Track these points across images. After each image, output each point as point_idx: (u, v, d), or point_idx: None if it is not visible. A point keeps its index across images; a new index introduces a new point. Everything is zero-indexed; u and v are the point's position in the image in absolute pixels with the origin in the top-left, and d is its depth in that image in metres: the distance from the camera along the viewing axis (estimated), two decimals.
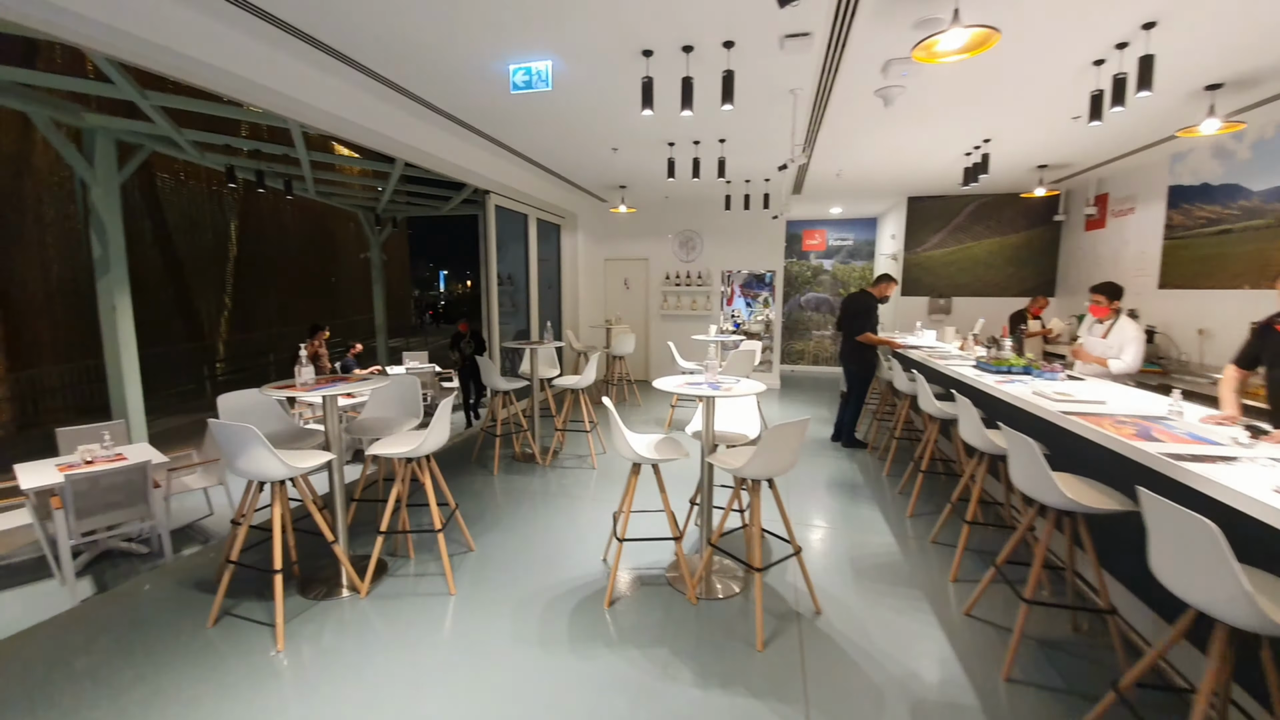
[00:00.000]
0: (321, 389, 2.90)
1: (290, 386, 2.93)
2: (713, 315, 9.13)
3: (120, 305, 5.03)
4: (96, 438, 4.71)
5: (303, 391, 2.85)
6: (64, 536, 3.54)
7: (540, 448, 5.36)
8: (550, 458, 5.27)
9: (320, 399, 2.83)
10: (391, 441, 3.09)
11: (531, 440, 5.30)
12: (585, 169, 6.72)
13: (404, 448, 2.98)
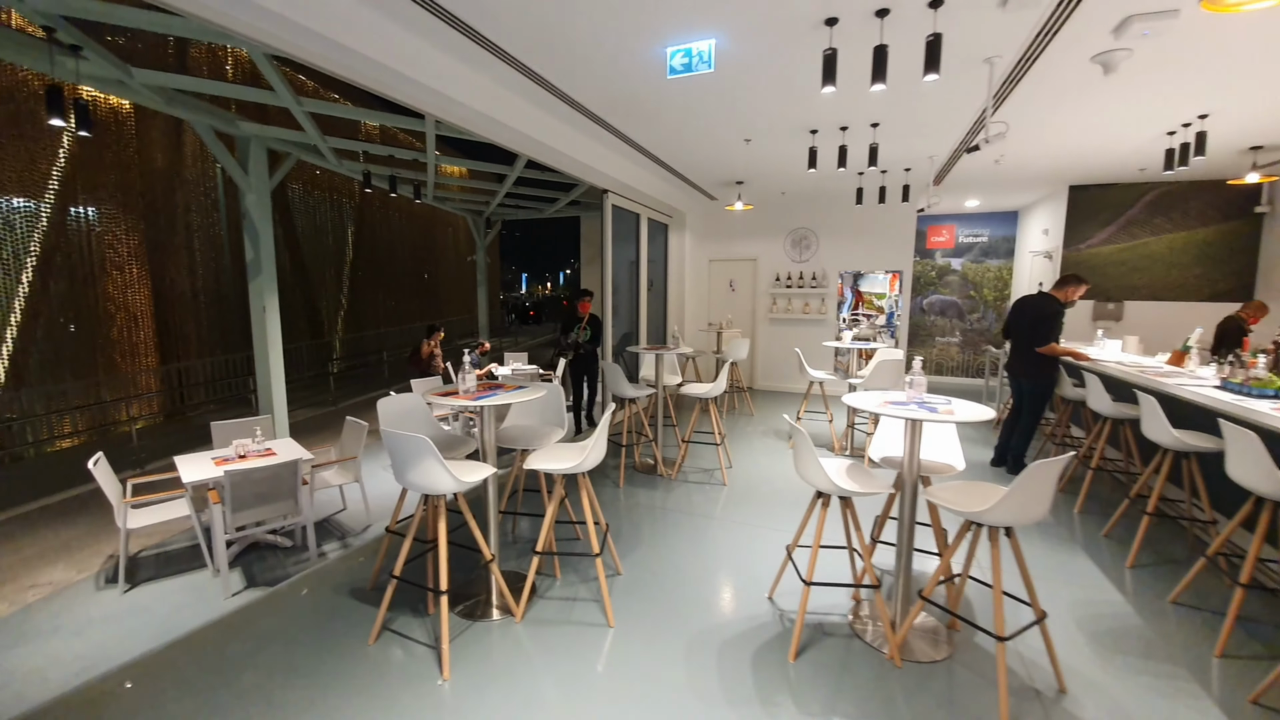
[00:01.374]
0: (484, 397, 2.71)
1: (452, 393, 2.77)
2: (828, 319, 8.49)
3: (270, 306, 5.25)
4: (248, 432, 4.92)
5: (466, 399, 2.68)
6: (220, 530, 3.60)
7: (663, 459, 5.05)
8: (676, 470, 4.95)
9: (474, 405, 2.63)
10: (548, 455, 2.86)
11: (656, 451, 5.00)
12: (706, 164, 6.38)
13: (564, 463, 2.73)
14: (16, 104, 8.39)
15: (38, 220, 8.73)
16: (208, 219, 11.15)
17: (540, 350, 15.04)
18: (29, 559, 4.33)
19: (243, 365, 11.15)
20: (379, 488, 4.98)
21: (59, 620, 3.41)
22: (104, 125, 9.64)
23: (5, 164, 8.29)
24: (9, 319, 8.41)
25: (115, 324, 9.84)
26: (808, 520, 2.75)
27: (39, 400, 8.77)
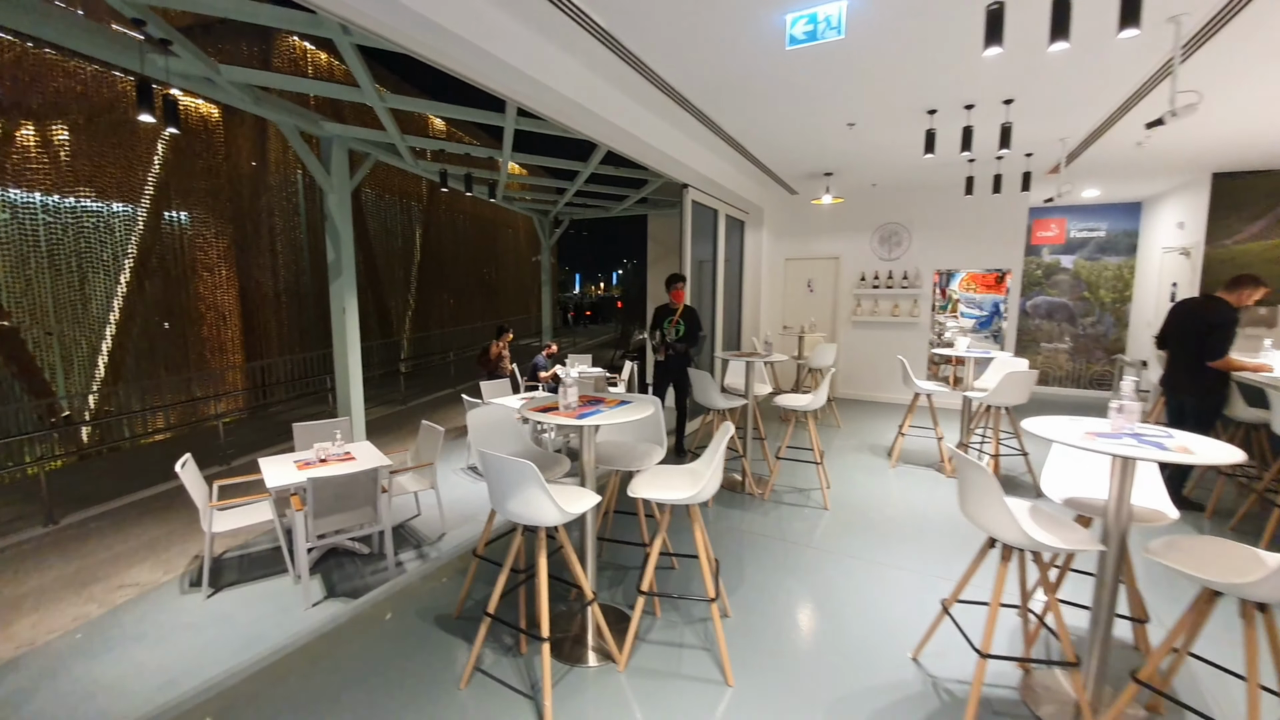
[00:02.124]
0: (588, 414, 2.38)
1: (550, 408, 2.46)
2: (920, 322, 7.79)
3: (349, 307, 5.18)
4: (328, 434, 4.86)
5: (567, 416, 2.36)
6: (302, 537, 3.53)
7: (753, 476, 4.62)
8: (768, 490, 4.51)
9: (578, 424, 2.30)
10: (656, 481, 2.50)
11: (745, 467, 4.57)
12: (795, 154, 5.89)
13: (676, 492, 2.37)
14: (115, 114, 8.89)
15: (135, 224, 9.22)
16: (289, 222, 11.57)
17: (598, 350, 14.89)
18: (119, 556, 4.39)
19: (317, 363, 11.51)
20: (450, 492, 4.81)
21: (144, 625, 3.38)
22: (194, 133, 10.11)
23: (106, 171, 8.78)
24: (109, 317, 8.92)
25: (205, 322, 10.32)
26: (973, 572, 2.28)
27: (134, 395, 9.27)
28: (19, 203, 7.64)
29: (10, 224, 7.55)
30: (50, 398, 8.11)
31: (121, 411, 8.97)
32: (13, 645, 3.24)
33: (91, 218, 8.57)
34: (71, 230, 8.30)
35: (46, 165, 8.00)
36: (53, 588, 3.93)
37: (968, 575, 2.31)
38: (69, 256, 8.28)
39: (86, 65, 8.39)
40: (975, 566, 2.29)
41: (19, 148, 7.69)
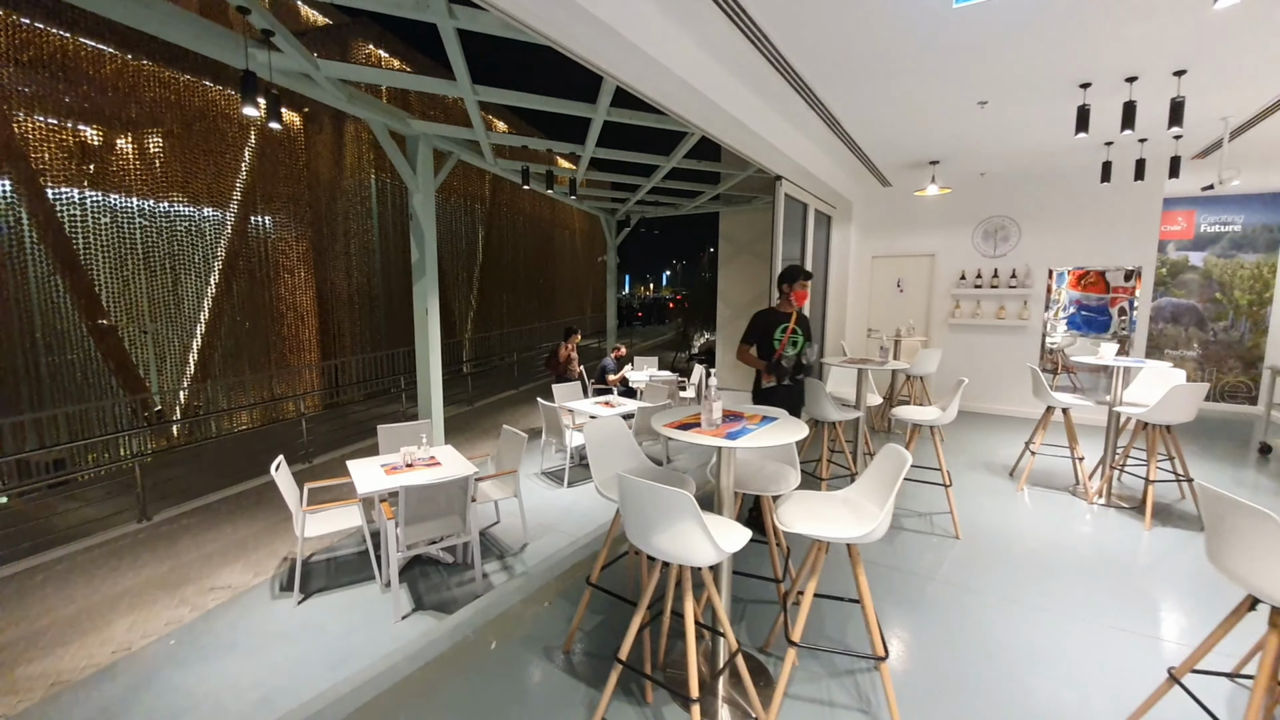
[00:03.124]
0: (737, 433, 2.05)
1: (690, 424, 2.13)
2: (1030, 325, 7.07)
3: (431, 308, 5.06)
4: (413, 437, 4.76)
5: (710, 435, 2.03)
6: (393, 546, 3.40)
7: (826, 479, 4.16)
8: None
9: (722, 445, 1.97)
10: (809, 513, 2.14)
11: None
12: (901, 140, 5.40)
13: (843, 528, 2.00)
14: (207, 122, 9.28)
15: (224, 228, 9.60)
16: (362, 225, 11.87)
17: (656, 352, 14.58)
18: (210, 556, 4.39)
19: (386, 363, 11.75)
20: (527, 499, 4.61)
21: (236, 632, 3.29)
22: (278, 141, 10.47)
23: (197, 177, 9.16)
24: (199, 316, 9.31)
25: (285, 322, 10.68)
26: (1220, 638, 1.80)
27: (221, 391, 9.63)
28: (118, 207, 8.03)
29: (110, 228, 7.94)
30: (144, 393, 8.50)
31: (209, 407, 9.35)
32: (109, 650, 3.20)
33: (184, 222, 8.96)
34: (165, 233, 8.69)
35: (143, 172, 8.39)
36: (147, 588, 3.93)
37: (1211, 642, 1.83)
38: (163, 259, 8.67)
39: (180, 75, 8.77)
40: (1225, 631, 1.82)
41: (119, 155, 8.08)
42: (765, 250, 7.84)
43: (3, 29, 6.76)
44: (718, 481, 2.20)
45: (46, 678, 2.96)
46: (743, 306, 8.14)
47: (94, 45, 7.55)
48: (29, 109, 6.96)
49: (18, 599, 3.75)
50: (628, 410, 5.90)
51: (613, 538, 2.38)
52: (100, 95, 7.70)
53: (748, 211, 7.99)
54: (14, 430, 6.89)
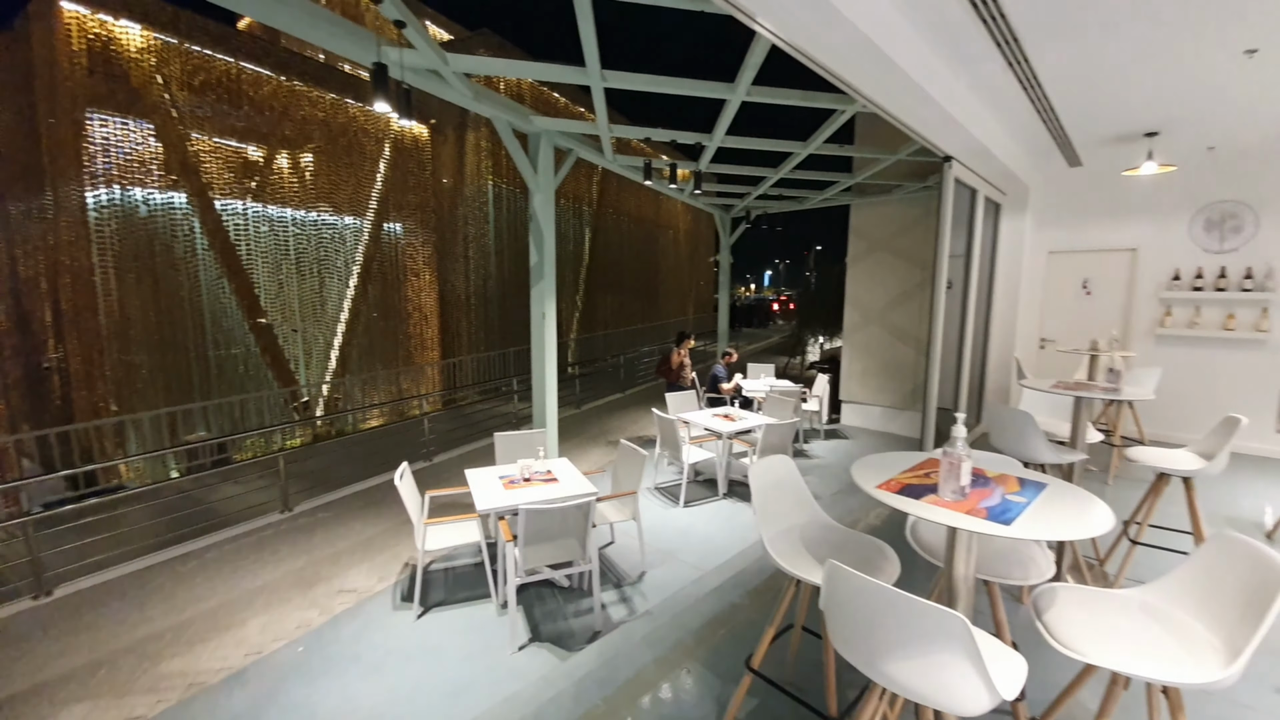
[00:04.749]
0: (997, 508, 1.44)
1: (917, 484, 1.55)
2: (1270, 338, 5.52)
3: (548, 312, 4.84)
4: (528, 445, 4.57)
5: (961, 511, 1.44)
6: (512, 571, 3.18)
7: (1082, 558, 3.24)
8: (1118, 580, 3.11)
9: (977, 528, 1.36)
10: (1102, 628, 1.47)
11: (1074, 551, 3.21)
12: (1112, 104, 4.35)
13: (1180, 670, 1.32)
14: (349, 137, 9.98)
15: (362, 235, 10.31)
16: (480, 230, 12.32)
17: (763, 357, 13.74)
18: (340, 554, 4.45)
19: (499, 362, 12.08)
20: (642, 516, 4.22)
21: (359, 644, 3.23)
22: (407, 152, 11.08)
23: (341, 189, 9.88)
24: (340, 316, 10.06)
25: (411, 321, 11.31)
26: None
27: (356, 386, 10.35)
28: (274, 217, 8.80)
29: (268, 235, 8.73)
30: (293, 386, 9.29)
31: (347, 401, 10.08)
32: (242, 652, 3.21)
33: (329, 229, 9.70)
34: (313, 240, 9.44)
35: (295, 185, 9.15)
36: (282, 584, 4.01)
37: None
38: (311, 263, 9.42)
39: (326, 94, 9.48)
40: None
41: (275, 170, 8.85)
42: (906, 246, 6.89)
43: (178, 56, 7.59)
44: (948, 568, 1.59)
45: (185, 677, 3.00)
46: (876, 310, 7.22)
47: (254, 68, 8.32)
48: (201, 129, 7.77)
49: (171, 587, 3.98)
50: (748, 426, 5.33)
51: (783, 614, 1.86)
52: (260, 115, 8.47)
53: (886, 203, 7.06)
54: (185, 416, 7.73)
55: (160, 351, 7.62)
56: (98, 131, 6.96)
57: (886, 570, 1.73)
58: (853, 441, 7.03)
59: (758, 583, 3.42)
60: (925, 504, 1.43)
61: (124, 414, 7.30)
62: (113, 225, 7.12)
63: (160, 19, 7.36)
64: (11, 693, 2.90)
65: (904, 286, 6.94)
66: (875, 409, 7.38)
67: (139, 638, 3.38)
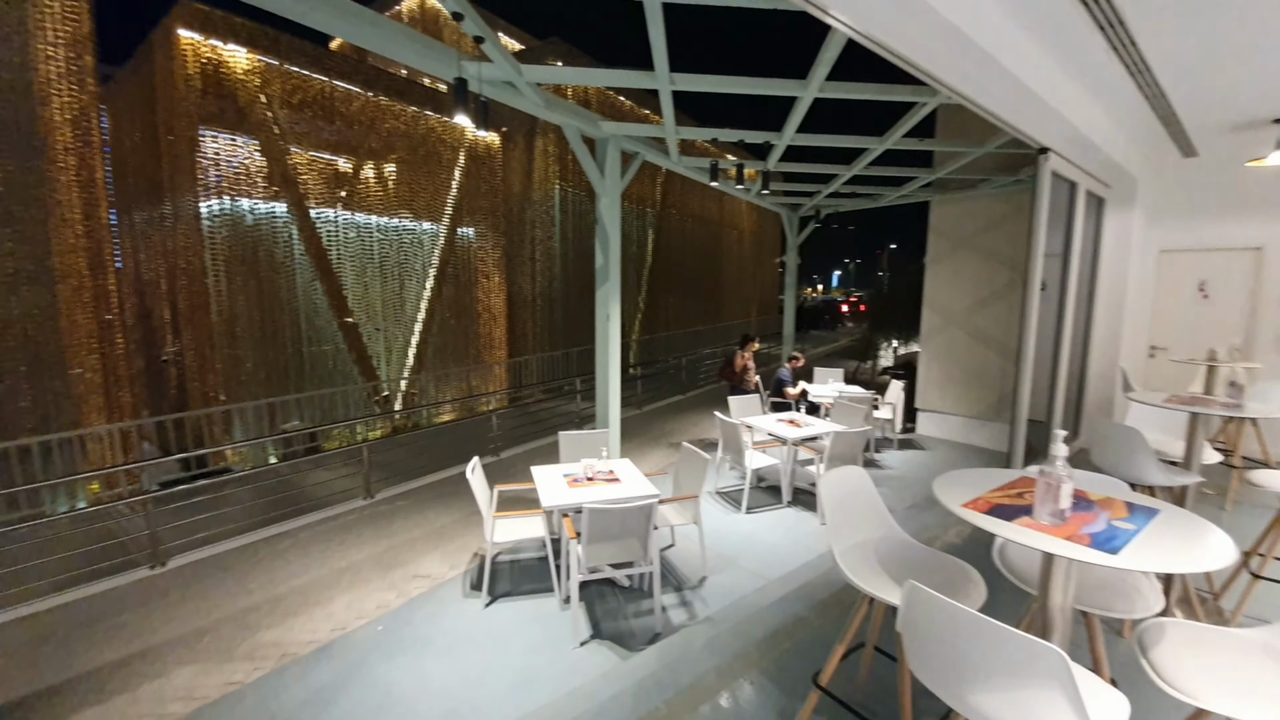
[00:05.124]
0: (1102, 534, 1.32)
1: (1007, 505, 1.45)
2: None
3: (613, 314, 4.89)
4: (591, 445, 4.64)
5: (1058, 536, 1.33)
6: (575, 566, 3.26)
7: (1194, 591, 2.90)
8: (1235, 618, 2.78)
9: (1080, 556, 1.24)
10: (1234, 680, 1.32)
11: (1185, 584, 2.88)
12: (1234, 87, 3.88)
13: None
14: (428, 147, 10.53)
15: (438, 239, 10.85)
16: (546, 233, 12.67)
17: (829, 361, 13.25)
18: (416, 541, 4.70)
19: (562, 362, 12.37)
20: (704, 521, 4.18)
21: (433, 628, 3.40)
22: (481, 160, 11.55)
23: (420, 196, 10.44)
24: (417, 316, 10.64)
25: (481, 321, 11.79)
26: None
27: (431, 382, 10.90)
28: (361, 224, 9.42)
29: (355, 241, 9.36)
30: (375, 381, 9.91)
31: (422, 396, 10.65)
32: (329, 627, 3.45)
33: (409, 235, 10.28)
34: (395, 245, 10.04)
35: (380, 193, 9.76)
36: (365, 566, 4.28)
37: None
38: (393, 267, 10.02)
39: (407, 108, 10.04)
40: None
41: (362, 180, 9.47)
42: (992, 244, 6.44)
43: (279, 77, 8.27)
44: (1042, 596, 1.47)
45: (278, 647, 3.25)
46: (958, 313, 6.80)
47: (345, 86, 8.94)
48: (299, 144, 8.44)
49: (269, 562, 4.33)
50: (814, 432, 5.16)
51: (854, 631, 1.79)
52: (349, 129, 9.09)
53: (971, 199, 6.64)
54: (282, 407, 8.41)
55: (262, 347, 8.35)
56: (209, 147, 7.71)
57: (972, 594, 1.62)
58: (929, 453, 6.66)
59: (825, 596, 3.30)
60: (1018, 527, 1.32)
61: (231, 403, 8.05)
62: (223, 232, 7.87)
63: (263, 42, 8.06)
64: (130, 653, 3.26)
65: (990, 288, 6.50)
66: (955, 419, 6.96)
67: (239, 608, 3.71)
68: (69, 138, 6.19)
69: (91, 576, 4.07)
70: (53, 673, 3.07)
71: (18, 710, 2.81)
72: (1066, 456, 1.41)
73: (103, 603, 3.79)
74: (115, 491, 6.59)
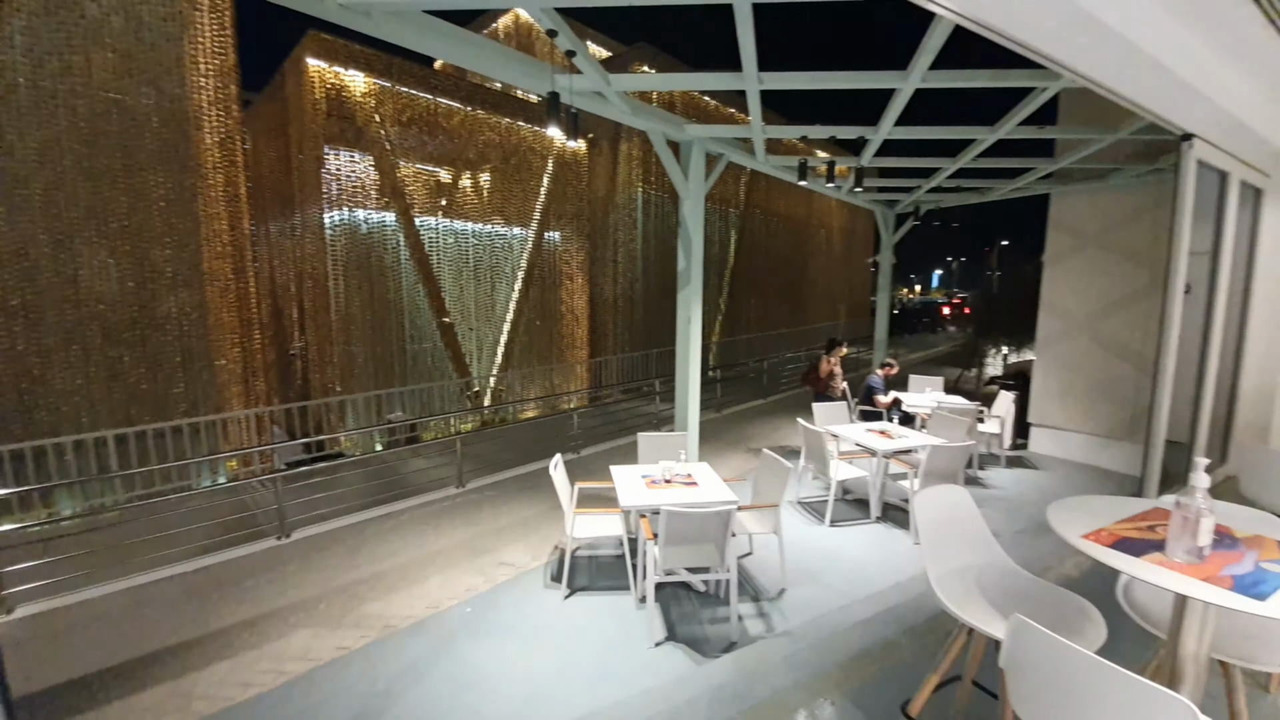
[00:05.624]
0: (1243, 579, 1.15)
1: (1134, 539, 1.30)
2: None
3: (694, 317, 4.89)
4: (670, 447, 4.66)
5: (1195, 575, 1.17)
6: (651, 569, 3.29)
7: None
8: None
9: None
10: None
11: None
12: None
13: None
14: (519, 156, 11.04)
15: (526, 244, 11.34)
16: (628, 235, 12.87)
17: (927, 368, 12.34)
18: (502, 530, 4.94)
19: (640, 362, 12.51)
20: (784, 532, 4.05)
21: (516, 614, 3.56)
22: (568, 166, 11.94)
23: (511, 203, 10.97)
24: (506, 316, 11.19)
25: (564, 322, 12.19)
26: None
27: (517, 380, 11.42)
28: (459, 230, 10.06)
29: (453, 246, 10.01)
30: (467, 377, 10.54)
31: (509, 393, 11.20)
32: (424, 605, 3.71)
33: (500, 240, 10.84)
34: (487, 249, 10.62)
35: (475, 201, 10.36)
36: (455, 551, 4.55)
37: None
38: (485, 270, 10.61)
39: (501, 119, 10.58)
40: None
41: (460, 189, 10.10)
42: (1125, 241, 5.76)
43: (391, 97, 9.00)
44: (1172, 642, 1.29)
45: (381, 619, 3.54)
46: (1082, 318, 6.13)
47: (447, 102, 9.58)
48: (407, 158, 9.15)
49: (375, 541, 4.73)
50: (908, 445, 4.86)
51: (950, 663, 1.66)
52: (450, 142, 9.73)
53: (1099, 191, 5.97)
54: (387, 399, 9.16)
55: (372, 343, 9.14)
56: (332, 164, 8.55)
57: (1088, 633, 1.46)
58: (1044, 473, 6.06)
59: (917, 622, 3.11)
60: (1147, 564, 1.16)
61: (345, 394, 8.88)
62: (342, 240, 8.70)
63: (378, 67, 8.82)
64: (258, 614, 3.67)
65: (1121, 290, 5.81)
66: (1076, 436, 6.28)
67: (349, 580, 4.09)
68: (217, 158, 7.11)
69: (229, 544, 4.64)
70: (192, 627, 3.54)
71: (162, 658, 3.25)
72: (1209, 486, 1.23)
73: (236, 567, 4.31)
74: (250, 469, 7.48)
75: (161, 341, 6.86)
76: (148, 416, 6.64)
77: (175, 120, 6.71)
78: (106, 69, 6.22)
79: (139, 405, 6.71)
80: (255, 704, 2.79)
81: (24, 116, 5.80)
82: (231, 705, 2.79)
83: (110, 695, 2.90)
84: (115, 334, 6.52)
